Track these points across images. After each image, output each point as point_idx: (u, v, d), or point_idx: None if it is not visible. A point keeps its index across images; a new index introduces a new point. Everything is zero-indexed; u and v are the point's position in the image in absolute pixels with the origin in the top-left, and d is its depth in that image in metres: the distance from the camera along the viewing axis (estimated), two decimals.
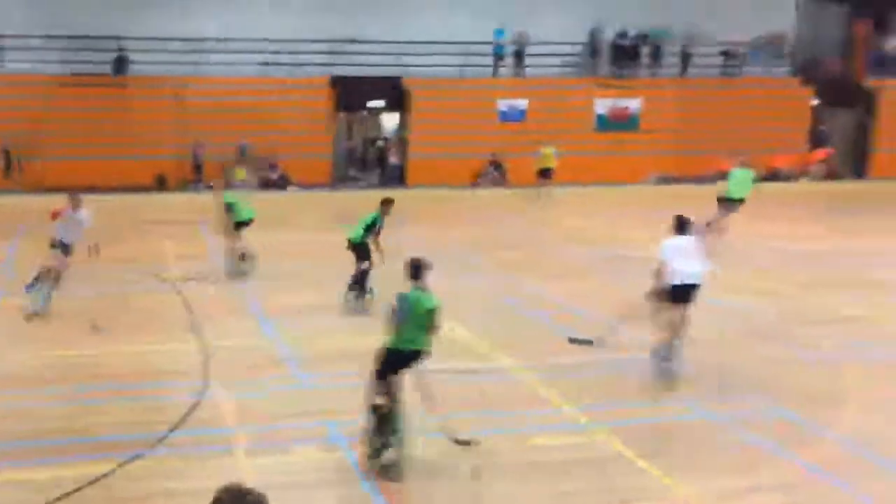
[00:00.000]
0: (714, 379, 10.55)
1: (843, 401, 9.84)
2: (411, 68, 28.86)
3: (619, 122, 30.15)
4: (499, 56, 30.29)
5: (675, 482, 7.79)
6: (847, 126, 32.20)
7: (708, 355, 11.34)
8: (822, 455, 8.44)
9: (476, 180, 28.45)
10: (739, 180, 19.77)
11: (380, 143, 30.66)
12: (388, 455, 7.90)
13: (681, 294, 10.44)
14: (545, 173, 26.15)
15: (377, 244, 13.42)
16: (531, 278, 15.93)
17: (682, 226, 10.93)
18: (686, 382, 10.42)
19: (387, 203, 13.63)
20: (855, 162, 31.95)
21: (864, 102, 32.08)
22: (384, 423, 7.90)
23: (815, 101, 31.63)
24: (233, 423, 8.98)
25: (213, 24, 27.89)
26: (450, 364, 10.81)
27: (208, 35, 27.63)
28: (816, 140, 31.38)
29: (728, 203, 19.62)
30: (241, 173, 25.84)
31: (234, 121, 26.48)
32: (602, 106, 30.10)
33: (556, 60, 30.10)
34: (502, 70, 30.56)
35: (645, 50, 31.49)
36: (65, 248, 12.90)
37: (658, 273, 10.51)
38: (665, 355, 10.59)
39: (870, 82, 32.24)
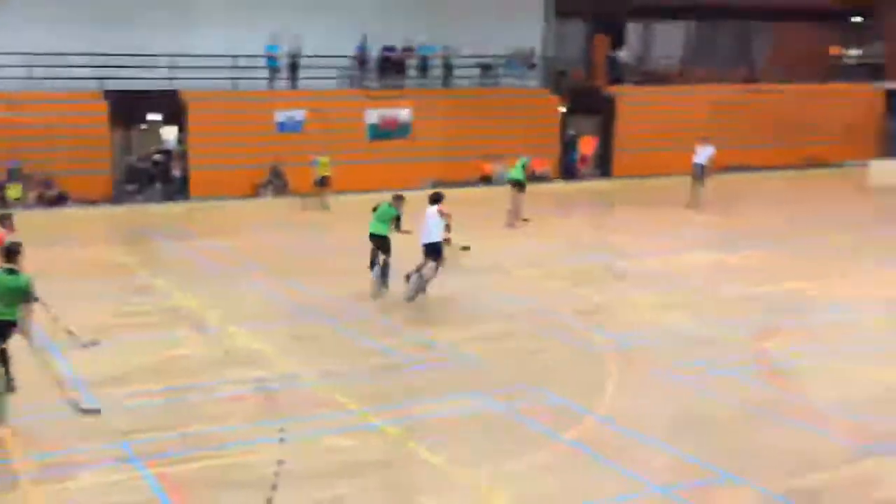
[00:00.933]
0: (494, 372, 10.94)
1: (604, 385, 10.39)
2: (188, 81, 28.11)
3: (390, 131, 30.52)
4: (274, 69, 30.01)
5: (460, 471, 8.00)
6: (592, 131, 33.91)
7: (489, 350, 11.80)
8: (586, 435, 8.88)
9: (257, 190, 28.07)
10: (517, 167, 23.36)
11: (158, 156, 29.55)
12: None
13: (424, 249, 14.23)
14: (322, 182, 26.26)
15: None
16: (312, 284, 15.93)
17: (433, 199, 14.83)
18: (469, 377, 10.77)
19: (398, 199, 15.11)
20: (601, 163, 33.66)
21: (605, 108, 33.89)
22: None
23: (563, 109, 33.08)
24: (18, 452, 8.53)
25: None
26: (239, 372, 10.79)
27: None
28: (567, 144, 32.89)
29: (516, 184, 22.96)
30: (14, 192, 24.41)
31: (4, 138, 24.94)
32: (373, 116, 30.37)
33: (329, 73, 30.12)
34: (279, 83, 30.28)
35: (411, 62, 32.04)
36: None
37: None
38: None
39: (609, 90, 34.09)
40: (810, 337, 12.53)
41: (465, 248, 18.13)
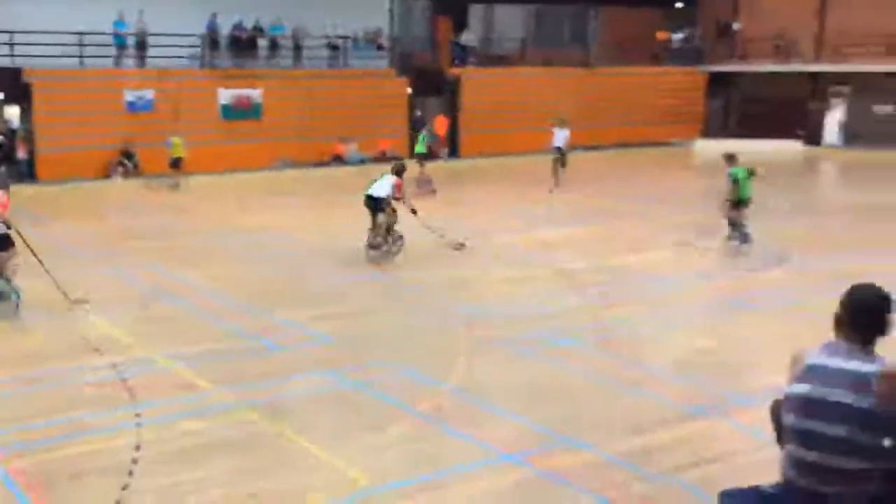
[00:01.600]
0: (347, 349, 10.89)
1: (455, 358, 10.51)
2: (31, 59, 26.68)
3: (242, 111, 29.87)
4: (121, 47, 28.83)
5: (323, 450, 7.93)
6: (439, 111, 34.10)
7: (341, 327, 11.76)
8: (438, 406, 8.97)
9: (108, 172, 27.01)
10: (420, 141, 25.33)
11: (0, 138, 27.98)
12: None
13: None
14: (176, 163, 25.51)
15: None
16: (171, 267, 15.47)
17: (395, 170, 15.97)
18: (323, 355, 10.70)
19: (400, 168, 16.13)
20: (450, 143, 33.93)
21: (451, 90, 34.14)
22: None
23: (410, 90, 33.15)
24: None
25: None
26: (93, 358, 10.39)
27: None
28: (414, 125, 32.99)
29: (421, 157, 24.84)
30: None
31: None
32: (225, 96, 29.63)
33: (179, 52, 29.17)
34: (127, 61, 29.12)
35: (262, 42, 31.39)
36: None
37: None
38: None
39: (453, 71, 34.33)
40: (643, 307, 13.00)
41: (460, 247, 16.94)
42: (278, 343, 11.20)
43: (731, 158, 16.37)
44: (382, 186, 15.81)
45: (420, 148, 25.11)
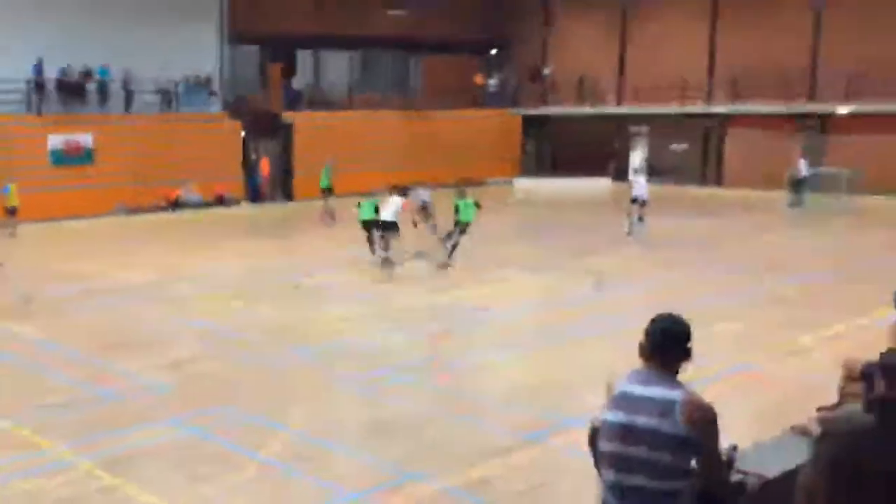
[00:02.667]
0: (185, 397, 10.49)
1: (295, 400, 10.30)
2: None
3: (74, 157, 28.45)
4: None
5: (157, 500, 7.59)
6: (273, 154, 33.68)
7: (179, 375, 11.31)
8: (280, 450, 8.72)
9: None
10: (323, 175, 26.37)
11: None
12: None
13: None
14: (13, 210, 24.06)
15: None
16: (2, 319, 14.53)
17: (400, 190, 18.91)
18: (161, 404, 10.25)
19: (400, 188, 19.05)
20: (283, 186, 33.50)
21: (283, 133, 33.79)
22: None
23: (244, 133, 32.56)
24: None
25: None
26: None
27: None
28: (250, 168, 32.44)
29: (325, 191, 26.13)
30: None
31: None
32: (55, 141, 28.16)
33: (5, 98, 27.55)
34: None
35: (91, 87, 30.07)
36: None
37: None
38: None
39: (285, 115, 34.02)
40: (474, 340, 13.18)
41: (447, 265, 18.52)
42: (115, 393, 10.65)
43: (461, 192, 19.38)
44: (389, 211, 18.05)
45: (324, 182, 26.31)
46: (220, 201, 30.76)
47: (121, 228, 26.40)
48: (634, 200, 23.38)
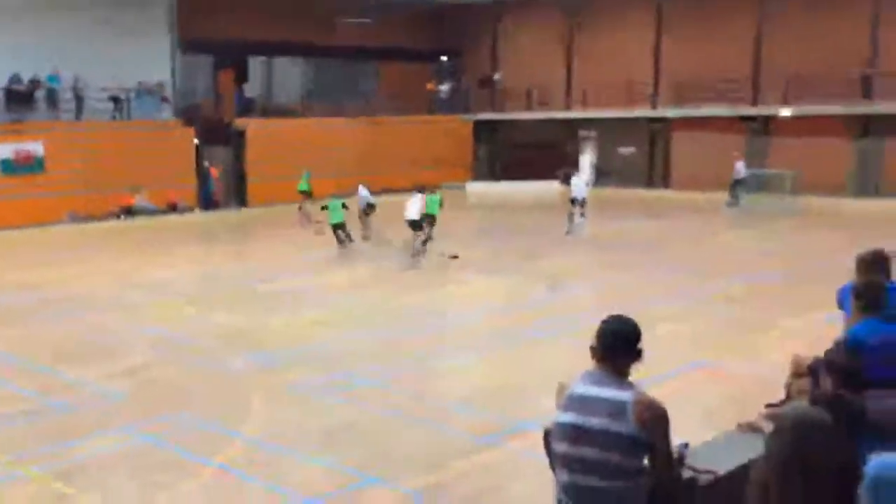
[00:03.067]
0: (139, 405, 10.30)
1: (250, 406, 10.16)
2: None
3: (25, 166, 27.84)
4: None
5: None
6: (226, 161, 33.33)
7: (132, 383, 11.10)
8: (235, 456, 8.60)
9: None
10: (303, 180, 26.79)
11: None
12: None
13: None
14: None
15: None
16: None
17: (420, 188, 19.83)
18: (115, 413, 10.04)
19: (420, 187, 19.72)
20: (237, 193, 33.17)
21: (235, 140, 33.46)
22: None
23: (197, 141, 32.21)
24: None
25: None
26: None
27: None
28: (203, 175, 32.05)
29: (304, 194, 26.50)
30: None
31: None
32: (5, 150, 27.53)
33: None
34: None
35: (40, 95, 29.46)
36: None
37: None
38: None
39: (238, 122, 33.69)
40: (435, 343, 13.14)
41: (454, 257, 19.09)
42: (68, 403, 10.43)
43: (430, 189, 20.66)
44: (413, 209, 19.16)
45: (303, 186, 26.59)
46: (174, 209, 30.35)
47: (73, 236, 25.92)
48: (573, 201, 23.69)
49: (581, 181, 24.69)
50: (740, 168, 30.27)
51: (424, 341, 13.22)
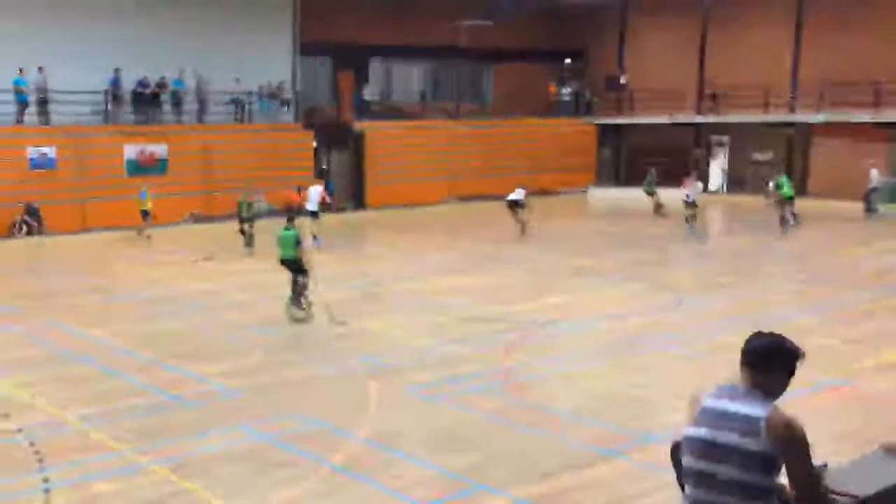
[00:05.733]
0: (256, 403, 10.65)
1: (364, 407, 10.38)
2: None
3: (148, 167, 29.19)
4: (23, 103, 27.93)
5: None
6: (344, 164, 34.05)
7: (249, 382, 11.48)
8: (351, 457, 8.78)
9: (10, 231, 25.95)
10: (143, 198, 25.01)
11: None
12: None
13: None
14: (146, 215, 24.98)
15: None
16: (77, 325, 14.92)
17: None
18: (233, 410, 10.42)
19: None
20: (355, 195, 33.83)
21: (355, 143, 34.15)
22: None
23: (316, 144, 33.01)
24: None
25: None
26: None
27: None
28: (322, 177, 32.79)
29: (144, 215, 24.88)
30: None
31: None
32: (131, 151, 28.94)
33: (82, 108, 28.40)
34: (29, 118, 28.22)
35: (165, 97, 30.85)
36: None
37: None
38: None
39: (357, 125, 34.37)
40: (545, 351, 13.10)
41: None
42: (188, 399, 10.87)
43: None
44: (518, 193, 23.99)
45: (144, 205, 25.22)
46: (291, 210, 31.13)
47: (194, 236, 26.91)
48: (692, 204, 24.85)
49: (696, 187, 25.32)
50: (874, 177, 29.35)
51: (540, 348, 13.19)
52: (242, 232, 23.11)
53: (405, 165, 33.34)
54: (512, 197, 25.08)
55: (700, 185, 24.81)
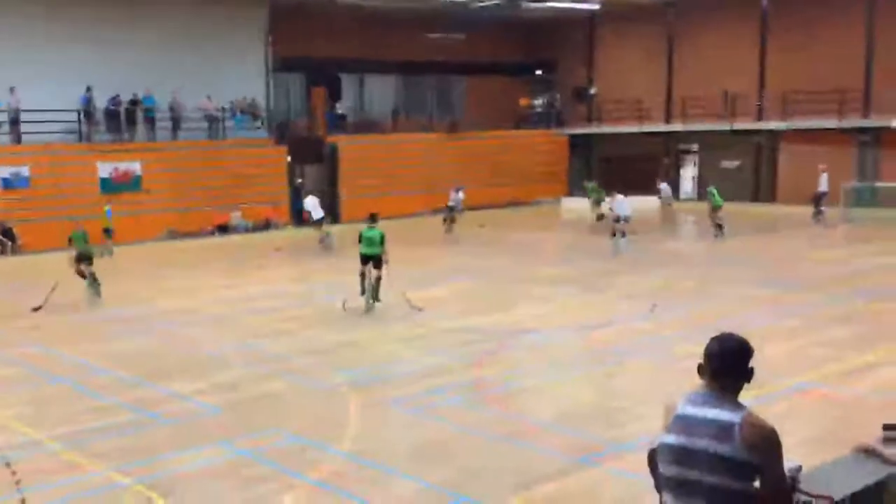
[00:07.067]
0: (235, 420, 10.56)
1: (343, 422, 10.30)
2: None
3: (123, 184, 28.99)
4: None
5: None
6: (318, 179, 33.97)
7: (227, 398, 11.38)
8: (331, 472, 8.71)
9: None
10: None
11: None
12: None
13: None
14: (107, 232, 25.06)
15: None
16: (50, 344, 14.77)
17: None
18: (211, 427, 10.32)
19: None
20: (330, 210, 33.69)
21: (329, 157, 34.09)
22: None
23: (290, 159, 32.93)
24: None
25: None
26: None
27: None
28: (296, 192, 32.73)
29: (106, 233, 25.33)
30: None
31: None
32: (104, 170, 28.74)
33: (54, 127, 28.18)
34: (1, 137, 27.93)
35: (139, 115, 30.68)
36: None
37: None
38: None
39: (330, 140, 34.33)
40: (519, 361, 13.09)
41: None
42: (167, 417, 10.76)
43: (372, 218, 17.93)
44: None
45: (105, 224, 25.81)
46: (267, 226, 31.10)
47: (170, 253, 26.76)
48: (618, 220, 24.42)
49: (622, 198, 24.97)
50: (822, 181, 29.90)
51: (516, 359, 13.19)
52: (81, 274, 18.45)
53: (379, 179, 33.32)
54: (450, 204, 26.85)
55: (621, 196, 24.81)
